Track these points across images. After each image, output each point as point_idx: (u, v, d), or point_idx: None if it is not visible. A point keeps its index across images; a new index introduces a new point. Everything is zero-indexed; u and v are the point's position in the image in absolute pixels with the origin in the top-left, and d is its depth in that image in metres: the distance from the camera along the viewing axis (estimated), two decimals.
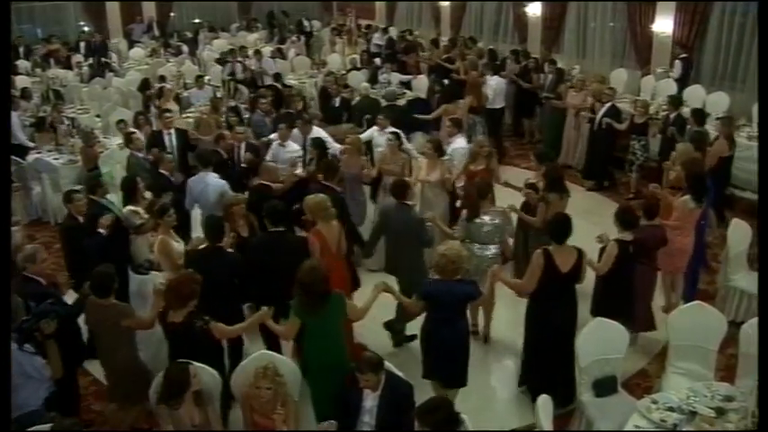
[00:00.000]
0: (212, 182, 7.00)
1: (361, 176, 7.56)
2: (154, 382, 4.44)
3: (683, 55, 11.15)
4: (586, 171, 10.01)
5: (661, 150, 9.12)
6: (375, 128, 8.64)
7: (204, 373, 4.44)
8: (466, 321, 5.19)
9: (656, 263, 6.16)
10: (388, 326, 6.29)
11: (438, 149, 7.52)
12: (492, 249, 6.14)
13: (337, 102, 10.57)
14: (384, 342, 6.21)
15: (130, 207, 6.18)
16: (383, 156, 7.85)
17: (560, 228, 5.20)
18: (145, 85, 12.06)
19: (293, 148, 8.11)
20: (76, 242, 6.18)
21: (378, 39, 16.84)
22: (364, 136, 8.54)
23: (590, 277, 5.55)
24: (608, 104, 9.63)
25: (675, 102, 9.29)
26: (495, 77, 11.28)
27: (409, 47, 14.67)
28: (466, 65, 11.93)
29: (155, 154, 7.89)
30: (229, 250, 5.58)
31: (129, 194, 6.54)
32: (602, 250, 5.64)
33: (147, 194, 6.67)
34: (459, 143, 8.10)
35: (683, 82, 10.92)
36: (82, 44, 16.84)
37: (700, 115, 8.55)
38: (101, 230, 5.98)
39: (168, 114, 8.95)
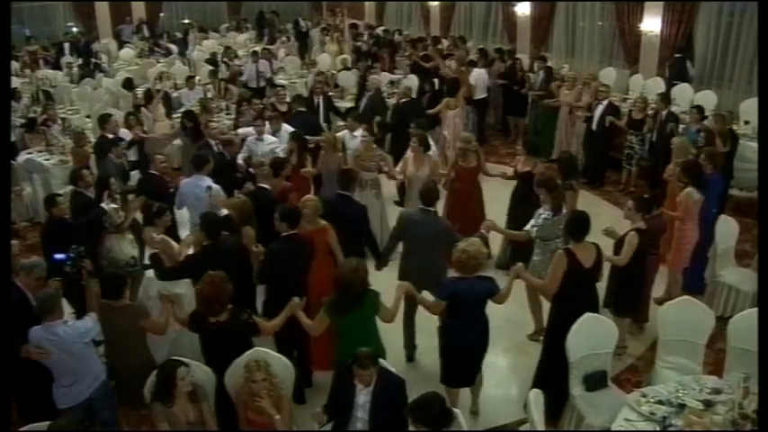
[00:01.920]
0: (204, 186, 6.70)
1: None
2: (148, 381, 4.43)
3: (679, 55, 11.23)
4: (582, 170, 10.00)
5: (652, 147, 9.21)
6: (346, 131, 8.70)
7: (198, 370, 4.45)
8: (486, 319, 5.05)
9: (660, 252, 6.30)
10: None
11: (424, 144, 7.56)
12: (557, 242, 5.88)
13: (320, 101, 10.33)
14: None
15: (113, 205, 6.14)
16: (358, 152, 7.81)
17: (579, 225, 5.17)
18: (128, 84, 12.02)
19: (271, 140, 8.14)
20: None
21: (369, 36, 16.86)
22: (338, 135, 8.65)
23: None
24: (605, 102, 9.71)
25: (665, 99, 9.38)
26: (475, 69, 11.57)
27: (385, 44, 14.76)
28: (445, 62, 12.29)
29: (152, 158, 7.80)
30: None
31: (102, 192, 6.53)
32: (617, 244, 5.70)
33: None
34: None
35: (680, 81, 10.95)
36: (66, 45, 16.64)
37: (701, 111, 8.69)
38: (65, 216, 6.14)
39: (113, 119, 8.87)
